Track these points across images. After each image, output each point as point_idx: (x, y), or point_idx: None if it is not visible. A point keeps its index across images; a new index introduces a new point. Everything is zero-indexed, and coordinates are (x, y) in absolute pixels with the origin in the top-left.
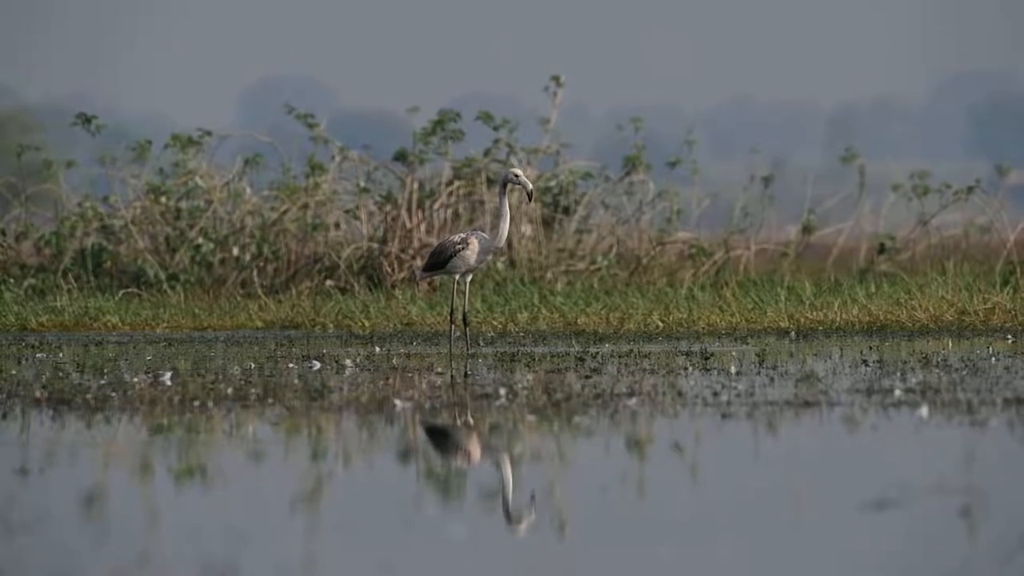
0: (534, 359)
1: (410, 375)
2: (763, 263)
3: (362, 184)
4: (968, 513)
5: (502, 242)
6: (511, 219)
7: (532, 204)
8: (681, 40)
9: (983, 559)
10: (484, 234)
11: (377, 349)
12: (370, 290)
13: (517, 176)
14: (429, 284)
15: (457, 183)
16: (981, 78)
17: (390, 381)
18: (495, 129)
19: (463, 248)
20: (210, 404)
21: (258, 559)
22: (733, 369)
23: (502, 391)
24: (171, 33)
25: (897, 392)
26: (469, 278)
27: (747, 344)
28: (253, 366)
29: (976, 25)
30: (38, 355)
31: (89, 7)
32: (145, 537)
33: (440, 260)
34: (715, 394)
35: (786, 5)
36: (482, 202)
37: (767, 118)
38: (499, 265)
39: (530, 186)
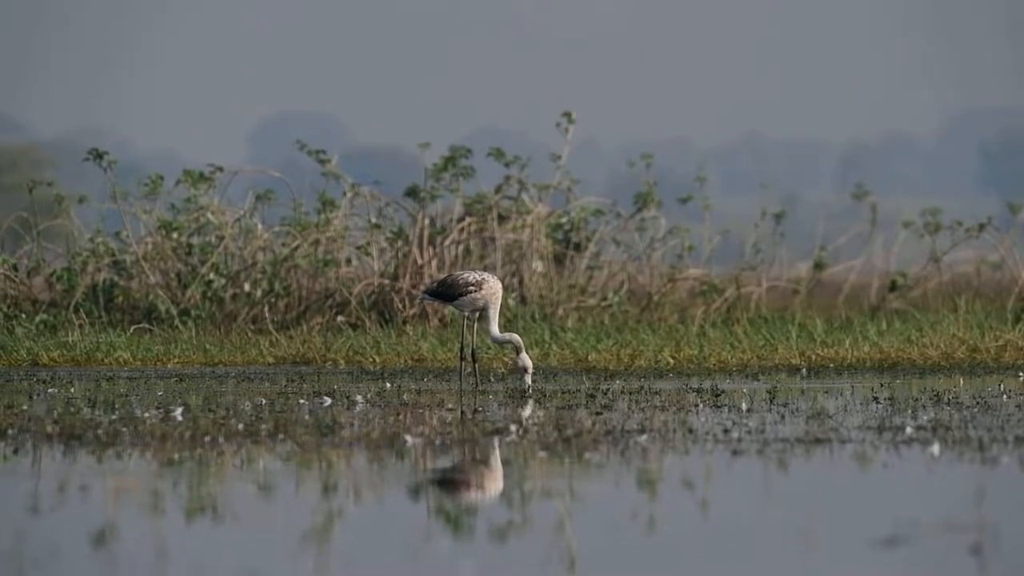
0: (545, 395)
1: (421, 411)
2: (774, 300)
3: (373, 220)
4: (979, 551)
5: (494, 337)
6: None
7: (545, 241)
8: (693, 77)
9: None
10: (499, 285)
11: (388, 385)
12: (381, 326)
13: (526, 368)
14: (441, 321)
15: (468, 219)
16: (991, 115)
17: (401, 417)
18: (506, 165)
19: (475, 291)
20: (221, 440)
21: None
22: (744, 406)
23: (513, 427)
24: (183, 69)
25: (908, 429)
26: (477, 315)
27: (758, 381)
28: (264, 402)
29: (986, 62)
30: (50, 390)
31: (101, 44)
32: (155, 573)
33: (449, 294)
34: (726, 431)
35: (797, 43)
36: (493, 239)
37: (778, 155)
38: (510, 301)
39: (528, 381)
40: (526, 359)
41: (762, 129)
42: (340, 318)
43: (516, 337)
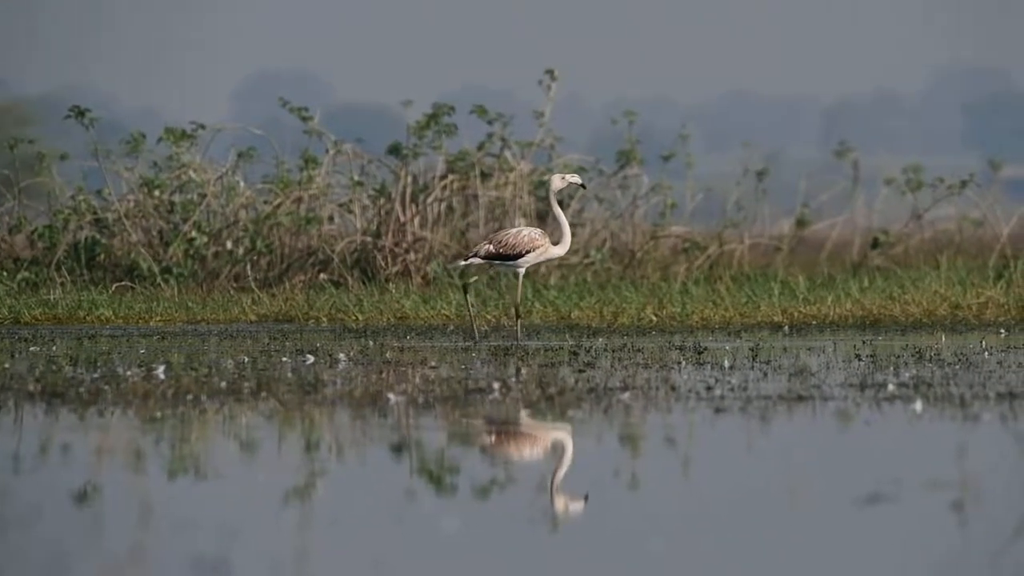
0: (528, 353)
1: (403, 369)
2: (757, 257)
3: (356, 178)
4: (961, 508)
5: (564, 249)
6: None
7: (527, 198)
8: (676, 34)
9: (976, 553)
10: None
11: (370, 343)
12: (364, 284)
13: (563, 179)
14: (423, 279)
15: (451, 177)
16: (976, 74)
17: (383, 375)
18: (489, 123)
19: (540, 243)
20: (203, 398)
21: (250, 553)
22: (726, 363)
23: (496, 385)
24: (166, 26)
25: (890, 387)
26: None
27: (740, 338)
28: (246, 360)
29: (972, 21)
30: (31, 348)
31: (84, 1)
32: (138, 531)
33: (513, 254)
34: (708, 388)
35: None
36: (475, 196)
37: (761, 112)
38: None
39: (578, 179)
40: (572, 178)
41: (745, 86)
42: (323, 276)
43: (560, 216)
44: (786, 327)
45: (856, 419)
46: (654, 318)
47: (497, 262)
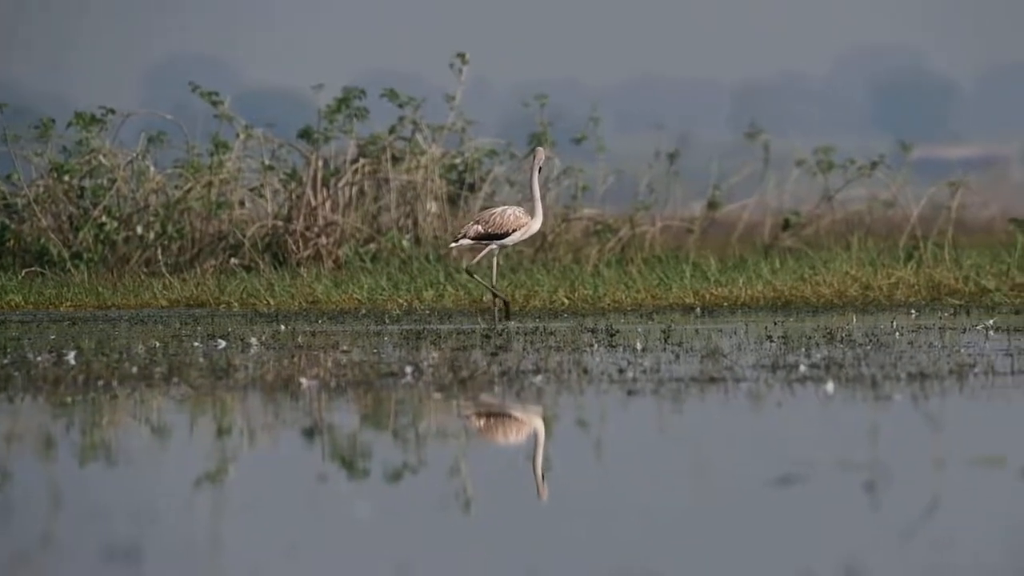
0: (440, 337)
1: (315, 353)
2: (668, 239)
3: (266, 162)
4: (872, 488)
5: (539, 224)
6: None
7: (439, 182)
8: (584, 15)
9: (887, 533)
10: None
11: (282, 327)
12: (275, 268)
13: (545, 154)
14: (335, 262)
15: (362, 161)
16: (883, 53)
17: (295, 359)
18: (400, 106)
19: (524, 221)
20: (114, 383)
21: (163, 540)
22: (639, 346)
23: (408, 369)
24: (74, 9)
25: (802, 368)
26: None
27: (652, 321)
28: (158, 345)
29: (876, 1)
30: None
31: None
32: (48, 519)
33: (500, 233)
34: (621, 371)
35: None
36: (387, 180)
37: (671, 94)
38: (404, 242)
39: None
40: (543, 152)
41: (655, 68)
42: (234, 260)
43: (536, 190)
44: (698, 309)
45: (768, 400)
46: (566, 301)
47: (485, 241)
